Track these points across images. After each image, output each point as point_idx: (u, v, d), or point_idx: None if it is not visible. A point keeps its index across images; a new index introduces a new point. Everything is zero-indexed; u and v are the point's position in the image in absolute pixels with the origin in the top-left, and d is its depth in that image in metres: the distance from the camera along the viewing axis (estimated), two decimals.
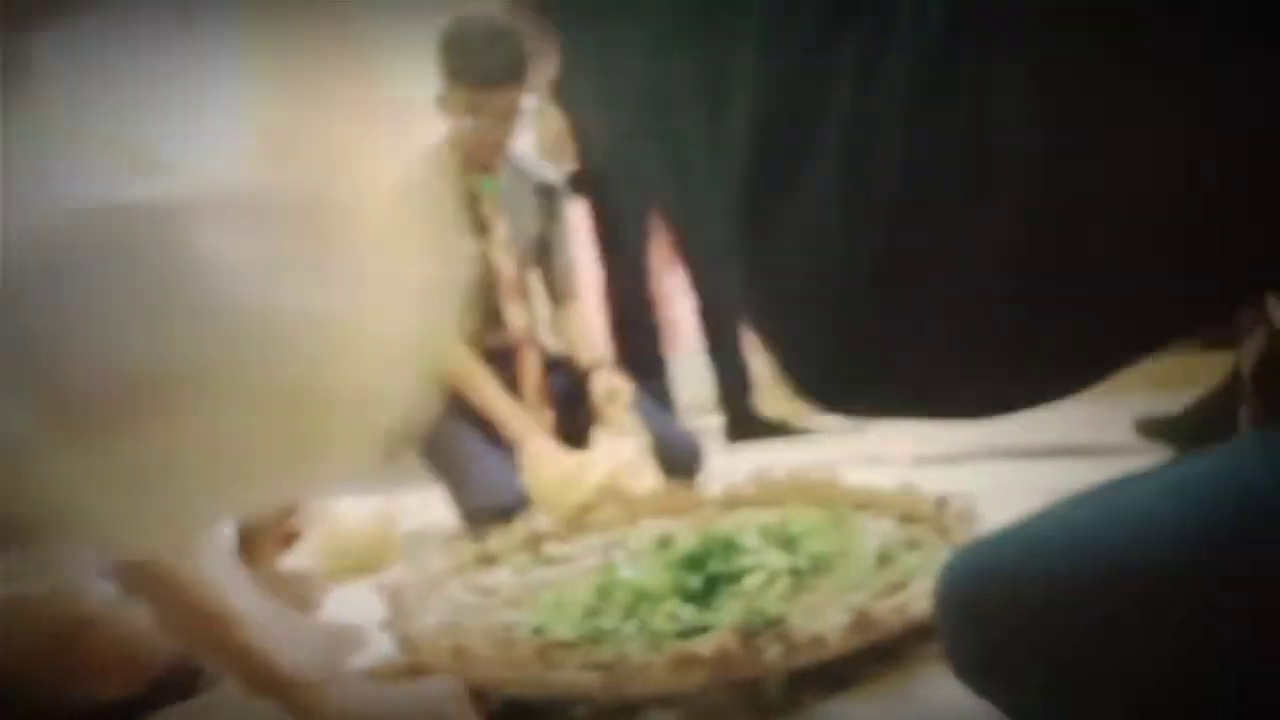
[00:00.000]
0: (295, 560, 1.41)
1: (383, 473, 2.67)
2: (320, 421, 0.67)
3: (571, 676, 0.96)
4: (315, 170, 0.66)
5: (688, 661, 0.93)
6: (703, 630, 1.06)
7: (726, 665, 0.92)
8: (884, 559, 1.22)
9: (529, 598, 1.32)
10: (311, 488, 1.14)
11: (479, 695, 1.00)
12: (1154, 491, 0.65)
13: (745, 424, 2.64)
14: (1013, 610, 0.68)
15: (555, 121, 2.45)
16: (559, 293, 2.23)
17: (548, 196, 2.20)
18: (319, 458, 0.70)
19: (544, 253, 2.21)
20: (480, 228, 2.07)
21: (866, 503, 1.45)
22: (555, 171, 2.26)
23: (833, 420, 2.68)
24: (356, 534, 1.78)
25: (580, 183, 2.37)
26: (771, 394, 2.80)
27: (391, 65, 0.75)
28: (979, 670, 0.72)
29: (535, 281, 2.24)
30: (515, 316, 2.09)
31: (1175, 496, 0.63)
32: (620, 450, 1.82)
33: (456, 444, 2.01)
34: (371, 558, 1.78)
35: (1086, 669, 0.65)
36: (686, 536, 1.40)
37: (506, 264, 2.09)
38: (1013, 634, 0.68)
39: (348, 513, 1.82)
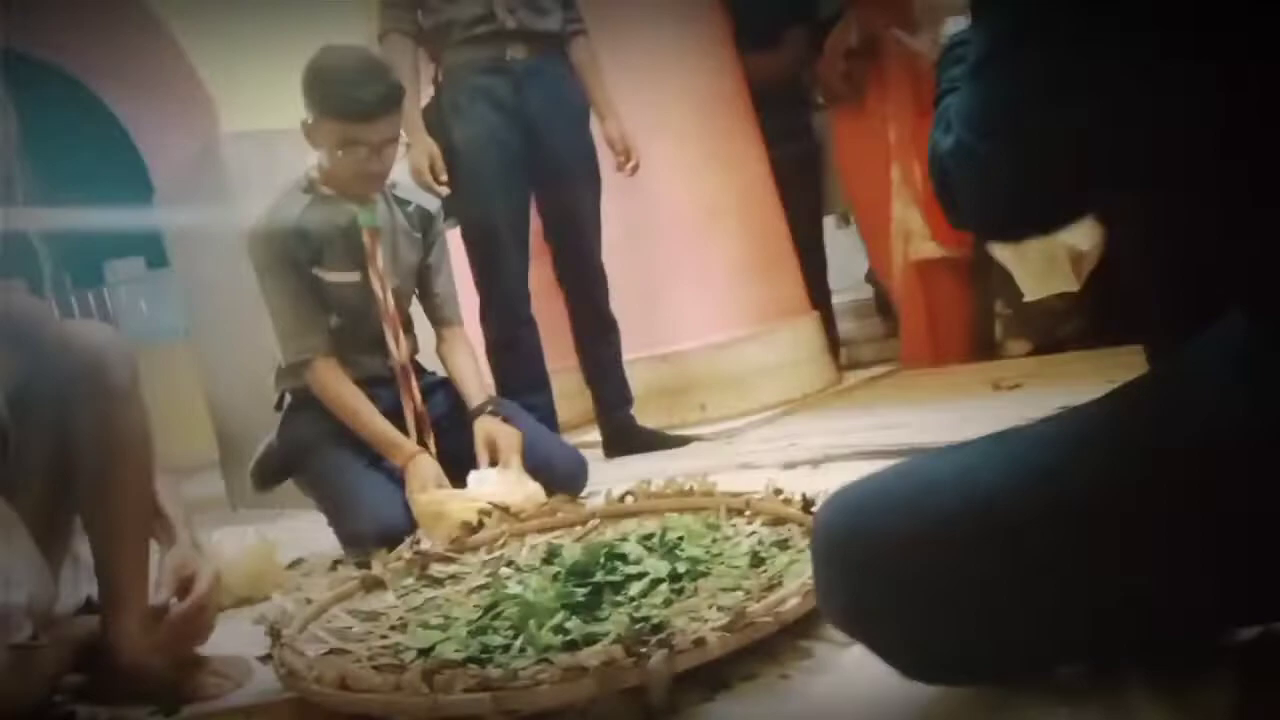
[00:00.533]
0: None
1: (263, 501, 2.64)
2: None
3: (461, 699, 0.97)
4: None
5: (576, 674, 0.96)
6: (589, 640, 1.09)
7: (613, 675, 0.95)
8: (757, 560, 1.28)
9: (416, 620, 1.32)
10: None
11: None
12: (1007, 441, 0.75)
13: (623, 438, 2.69)
14: (873, 550, 0.76)
15: (427, 148, 2.45)
16: (441, 318, 2.22)
17: (426, 223, 2.19)
18: None
19: (424, 279, 2.21)
20: (359, 259, 2.06)
21: (739, 507, 1.51)
22: (431, 198, 2.24)
23: (703, 430, 2.77)
24: (236, 564, 1.74)
25: (454, 207, 2.37)
26: (646, 407, 2.87)
27: None
28: (847, 610, 0.80)
29: (417, 308, 2.24)
30: (396, 347, 2.07)
31: (1029, 445, 0.73)
32: (509, 482, 1.85)
33: (336, 469, 1.99)
34: (252, 588, 1.75)
35: (940, 603, 0.73)
36: (571, 549, 1.44)
37: (386, 295, 2.07)
38: (874, 571, 0.75)
39: (226, 543, 1.78)
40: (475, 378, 2.16)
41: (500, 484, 1.84)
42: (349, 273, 2.07)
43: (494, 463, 1.96)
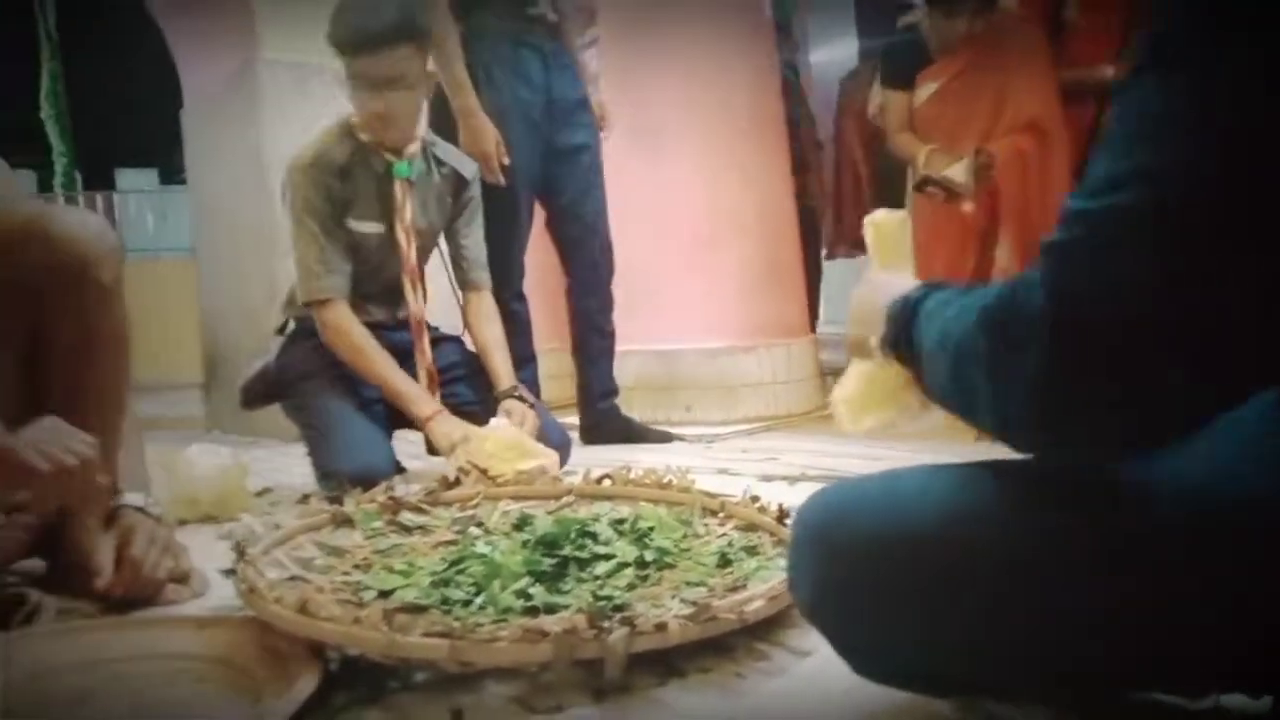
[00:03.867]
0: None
1: (239, 428, 2.64)
2: None
3: (419, 642, 0.97)
4: None
5: (536, 637, 0.96)
6: (550, 610, 1.09)
7: (572, 644, 0.96)
8: (724, 561, 1.29)
9: (380, 562, 1.32)
10: None
11: (317, 652, 1.01)
12: (979, 472, 0.77)
13: (603, 427, 2.69)
14: (839, 547, 0.78)
15: (492, 132, 2.39)
16: (469, 281, 2.23)
17: (460, 188, 2.20)
18: None
19: (454, 241, 2.22)
20: (386, 210, 2.07)
21: (714, 508, 1.51)
22: (469, 165, 2.25)
23: (685, 430, 2.77)
24: (207, 481, 1.74)
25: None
26: (633, 399, 2.87)
27: None
28: (809, 600, 0.81)
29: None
30: (415, 299, 2.09)
31: (993, 480, 0.75)
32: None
33: (328, 401, 2.00)
34: (220, 506, 1.75)
35: (887, 609, 0.75)
36: (544, 520, 1.44)
37: (410, 248, 2.08)
38: (836, 568, 0.77)
39: (198, 458, 1.78)
40: (505, 356, 2.16)
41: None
42: (374, 223, 2.08)
43: None
